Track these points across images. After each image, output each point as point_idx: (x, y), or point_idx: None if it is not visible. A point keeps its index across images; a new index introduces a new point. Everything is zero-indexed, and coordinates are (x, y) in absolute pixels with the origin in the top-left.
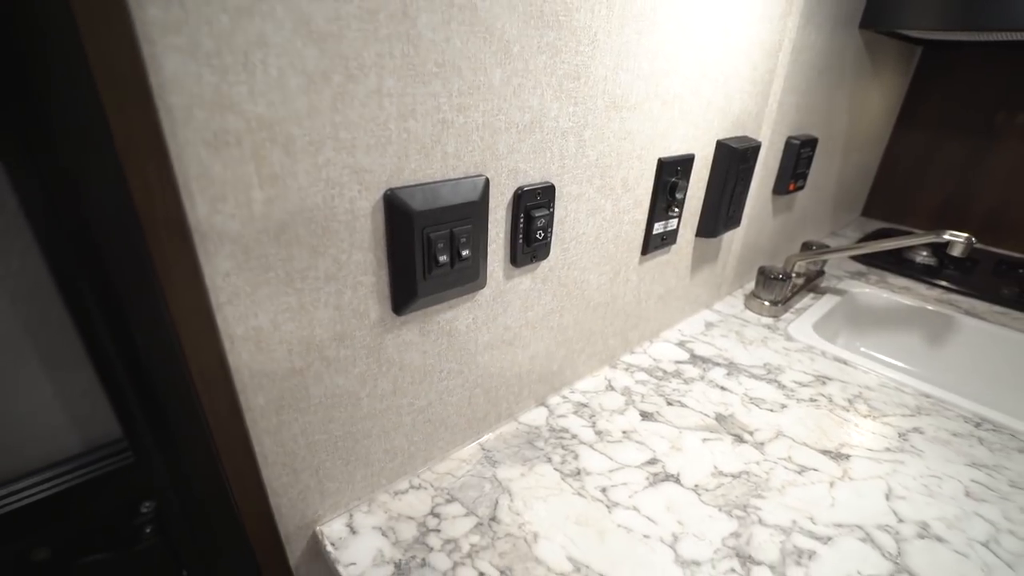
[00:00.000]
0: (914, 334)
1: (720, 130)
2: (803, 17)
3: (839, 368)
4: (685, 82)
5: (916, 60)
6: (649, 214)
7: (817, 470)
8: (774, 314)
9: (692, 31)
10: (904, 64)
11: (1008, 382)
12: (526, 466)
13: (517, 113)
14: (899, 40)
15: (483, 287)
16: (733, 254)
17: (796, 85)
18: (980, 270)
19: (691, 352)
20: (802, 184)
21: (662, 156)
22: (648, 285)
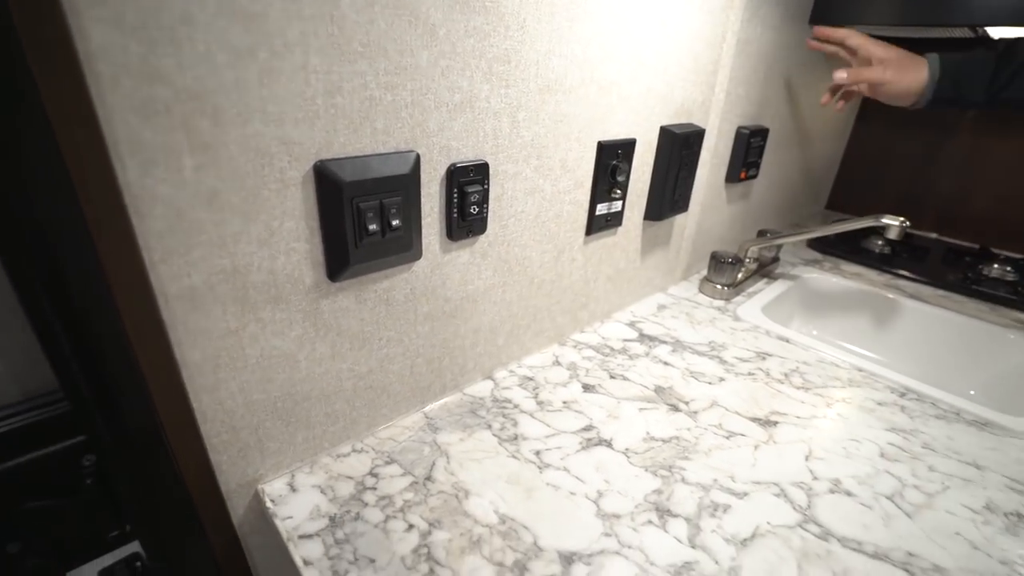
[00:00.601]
0: (862, 316)
1: (663, 116)
2: (747, 11)
3: (781, 346)
4: (622, 69)
5: None
6: (592, 195)
7: (745, 435)
8: (726, 297)
9: (627, 20)
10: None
11: (942, 358)
12: (466, 432)
13: (447, 93)
14: None
15: (419, 258)
16: (687, 239)
17: (745, 76)
18: (931, 258)
19: (640, 331)
20: (755, 173)
21: (602, 139)
22: (596, 266)
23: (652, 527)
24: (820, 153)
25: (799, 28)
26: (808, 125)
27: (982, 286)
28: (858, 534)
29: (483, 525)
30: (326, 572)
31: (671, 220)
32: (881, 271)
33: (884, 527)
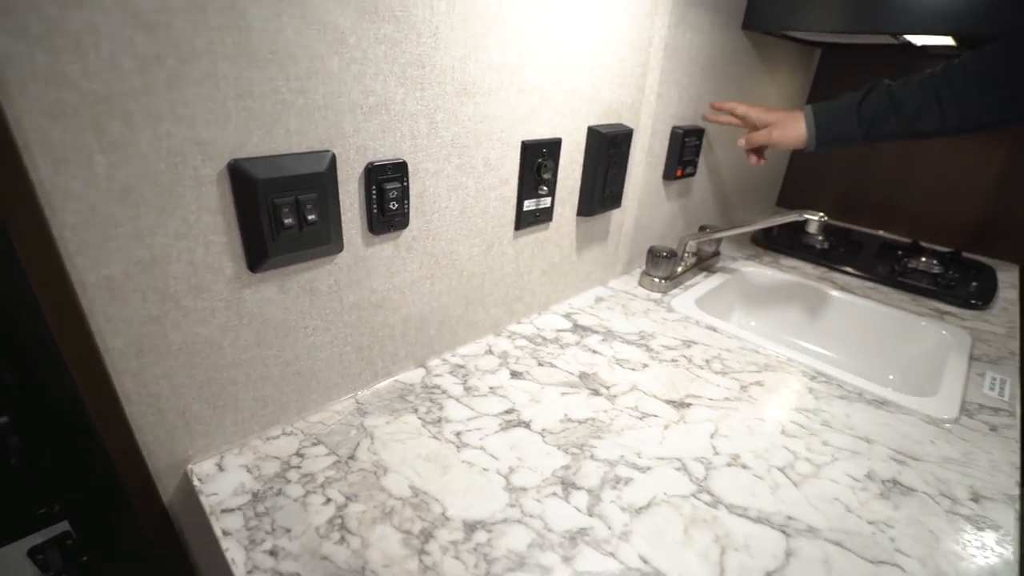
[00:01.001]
0: (796, 308)
1: (591, 117)
2: (674, 17)
3: (707, 334)
4: (544, 72)
5: (816, 60)
6: (519, 192)
7: (658, 416)
8: (662, 290)
9: (546, 26)
10: (803, 63)
11: (866, 345)
12: (393, 416)
13: (360, 96)
14: (794, 42)
15: (341, 251)
16: (625, 234)
17: (676, 79)
18: (866, 252)
19: (575, 322)
20: (692, 171)
21: (526, 139)
22: (529, 260)
23: (555, 499)
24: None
25: (733, 33)
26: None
27: (907, 278)
28: (746, 501)
29: (396, 498)
30: (243, 541)
31: (607, 216)
32: (817, 264)
33: (771, 495)
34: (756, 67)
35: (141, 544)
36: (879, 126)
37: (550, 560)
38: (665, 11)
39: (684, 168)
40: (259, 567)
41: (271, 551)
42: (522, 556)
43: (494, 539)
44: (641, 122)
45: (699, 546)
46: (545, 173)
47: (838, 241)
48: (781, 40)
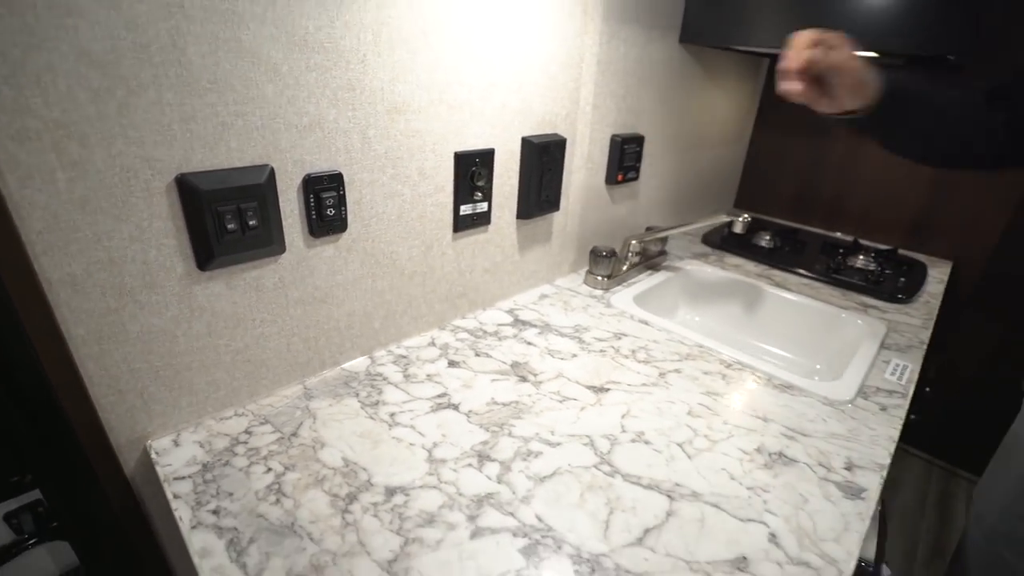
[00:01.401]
0: (736, 303)
1: (524, 128)
2: (604, 35)
3: (639, 327)
4: (472, 90)
5: (765, 69)
6: (454, 198)
7: (577, 400)
8: (604, 287)
9: (472, 50)
10: (751, 72)
11: (797, 337)
12: (336, 399)
13: (295, 117)
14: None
15: (283, 252)
16: (569, 235)
17: (612, 91)
18: (809, 250)
19: (516, 317)
20: (634, 176)
21: (458, 150)
22: (470, 259)
23: (470, 469)
24: (722, 156)
25: (670, 46)
26: (700, 131)
27: (842, 275)
28: (641, 472)
29: (329, 468)
30: (191, 502)
31: (548, 219)
32: (759, 263)
33: (665, 466)
34: (700, 77)
35: (106, 512)
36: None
37: (456, 518)
38: (595, 30)
39: (625, 173)
40: (202, 523)
41: (214, 511)
42: (432, 515)
43: (410, 501)
44: (578, 131)
45: (591, 508)
46: (479, 180)
47: (785, 241)
48: (726, 51)
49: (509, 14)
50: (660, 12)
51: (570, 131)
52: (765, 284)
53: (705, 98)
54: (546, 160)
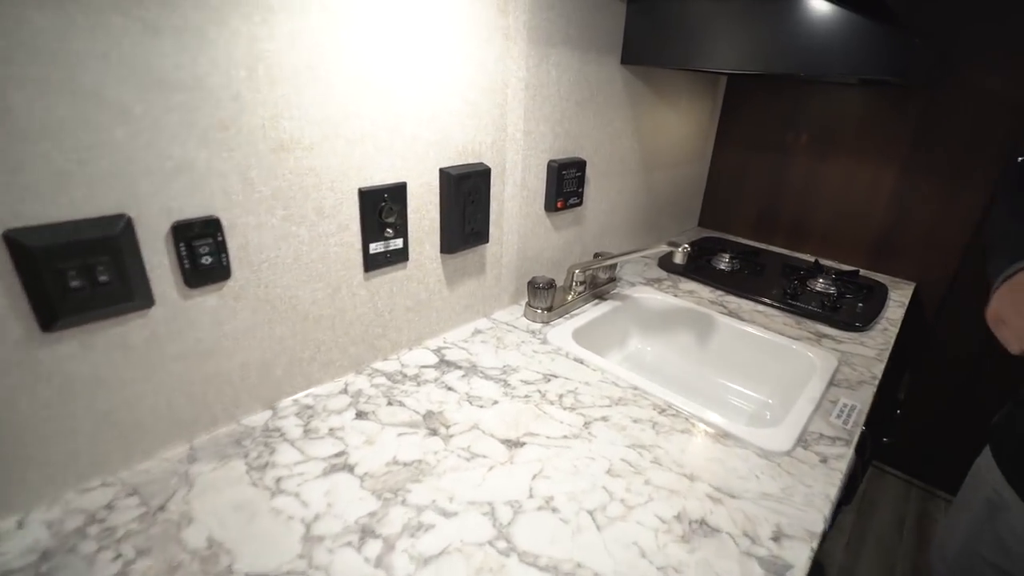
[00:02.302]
0: (687, 332)
1: (442, 159)
2: (532, 58)
3: (572, 367)
4: (375, 123)
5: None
6: (362, 236)
7: (487, 457)
8: (545, 320)
9: (371, 81)
10: (707, 91)
11: (747, 369)
12: (221, 462)
13: (156, 161)
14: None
15: (151, 305)
16: (507, 266)
17: (546, 115)
18: (768, 273)
19: (442, 357)
20: (576, 201)
21: (362, 186)
22: (388, 299)
23: (349, 549)
24: (682, 176)
25: (612, 68)
26: (654, 152)
27: (799, 300)
28: (541, 548)
29: (189, 551)
30: None
31: (480, 250)
32: (714, 287)
33: (570, 540)
34: (648, 97)
35: None
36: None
37: None
38: (520, 54)
39: (566, 200)
40: None
41: None
42: None
43: None
44: (508, 159)
45: None
46: (389, 217)
47: (745, 263)
48: (676, 70)
49: (413, 43)
50: (596, 34)
51: (498, 159)
52: (717, 312)
53: (656, 118)
54: (468, 191)
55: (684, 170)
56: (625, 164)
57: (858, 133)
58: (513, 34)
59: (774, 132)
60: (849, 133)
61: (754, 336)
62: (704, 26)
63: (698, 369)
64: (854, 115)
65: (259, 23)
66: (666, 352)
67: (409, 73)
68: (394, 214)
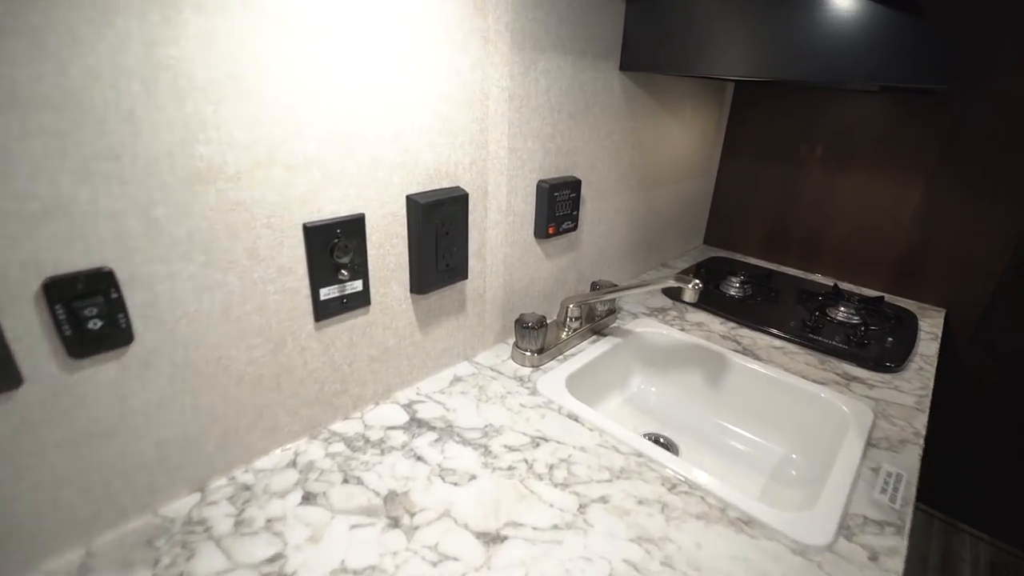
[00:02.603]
0: (697, 372)
1: (410, 184)
2: (517, 65)
3: (565, 426)
4: (323, 145)
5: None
6: (311, 280)
7: (458, 560)
8: (535, 363)
9: (314, 94)
10: (713, 99)
11: (767, 417)
12: (124, 573)
13: (14, 203)
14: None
15: (19, 385)
16: (492, 302)
17: (535, 130)
18: (784, 299)
19: (413, 415)
20: (570, 225)
21: (308, 221)
22: (347, 349)
23: None
24: (687, 191)
25: (609, 75)
26: (656, 167)
27: (820, 334)
28: None
29: None
30: None
31: (458, 287)
32: (726, 318)
33: None
34: (650, 107)
35: None
36: None
37: None
38: (502, 61)
39: (558, 224)
40: None
41: None
42: None
43: None
44: (491, 181)
45: None
46: (343, 256)
47: (757, 288)
48: (680, 77)
49: (369, 48)
50: (592, 37)
51: (478, 182)
52: (730, 350)
53: (658, 129)
54: (442, 220)
55: (688, 185)
56: (625, 181)
57: (879, 144)
58: (494, 37)
59: (785, 143)
60: (868, 144)
61: (774, 380)
62: (714, 27)
63: (709, 414)
64: (875, 124)
65: (158, 23)
66: (673, 393)
67: (365, 84)
68: (350, 252)
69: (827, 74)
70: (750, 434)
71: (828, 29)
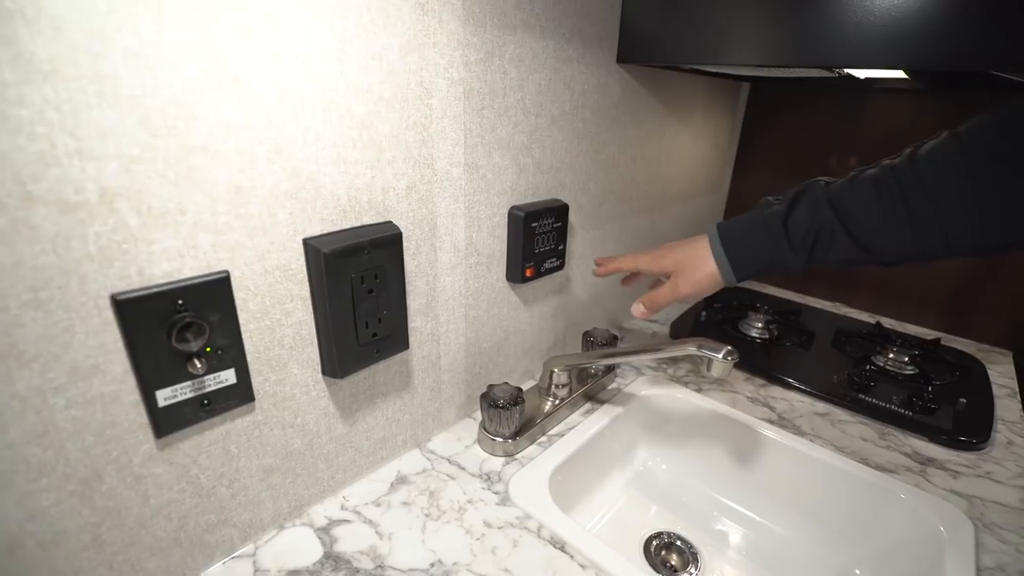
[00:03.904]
0: (720, 448)
1: (307, 223)
2: (472, 50)
3: (546, 562)
4: (136, 166)
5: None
6: (139, 380)
7: None
8: (510, 452)
9: (106, 76)
10: (727, 100)
11: (819, 515)
12: None
13: None
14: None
15: None
16: (451, 369)
17: (504, 140)
18: (818, 343)
19: (330, 546)
20: (555, 263)
21: (119, 291)
22: (221, 466)
23: None
24: (695, 211)
25: (603, 69)
26: (662, 183)
27: (872, 394)
28: None
29: None
30: None
31: (400, 358)
32: (752, 373)
33: None
34: (655, 110)
35: None
36: (823, 250)
37: None
38: (450, 41)
39: (539, 264)
40: None
41: None
42: None
43: None
44: (441, 210)
45: None
46: (194, 339)
47: (784, 329)
48: (690, 73)
49: (214, 13)
50: (580, 18)
51: (421, 213)
52: (763, 420)
53: (665, 137)
54: (361, 273)
55: (697, 203)
56: (624, 203)
57: None
58: (436, 5)
59: (811, 153)
60: None
61: (827, 465)
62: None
63: (738, 502)
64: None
65: None
66: (690, 471)
67: (209, 61)
68: (205, 332)
69: (853, 60)
70: (794, 534)
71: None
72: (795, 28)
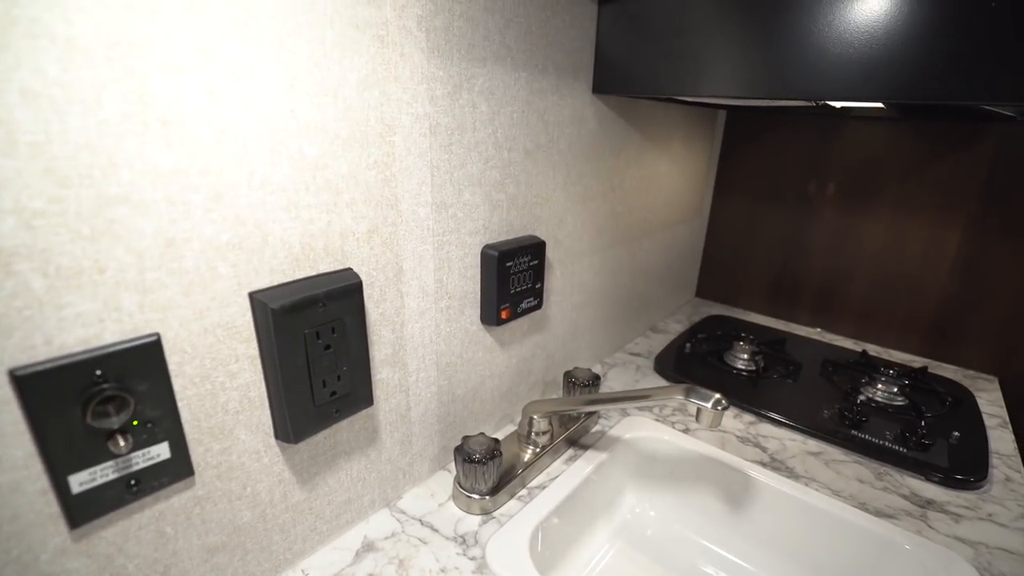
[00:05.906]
0: (709, 493)
1: (253, 276)
2: (439, 83)
3: None
4: (39, 220)
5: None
6: (46, 465)
7: None
8: (487, 509)
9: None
10: (703, 128)
11: (817, 564)
12: None
13: None
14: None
15: None
16: (421, 421)
17: (474, 175)
18: (805, 374)
19: None
20: (532, 303)
21: (18, 366)
22: (154, 551)
23: None
24: (675, 240)
25: (578, 100)
26: (641, 213)
27: (864, 429)
28: None
29: None
30: None
31: (366, 413)
32: (738, 407)
33: None
34: (632, 140)
35: None
36: None
37: None
38: (413, 75)
39: (515, 305)
40: None
41: None
42: None
43: None
44: (408, 253)
45: None
46: (115, 414)
47: (771, 359)
48: (667, 102)
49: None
50: (553, 48)
51: (385, 257)
52: (754, 462)
53: (644, 169)
54: (315, 328)
55: (677, 232)
56: (603, 235)
57: (906, 181)
58: (397, 37)
59: (789, 179)
60: (894, 180)
61: (822, 512)
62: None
63: (731, 552)
64: (901, 157)
65: None
66: (679, 518)
67: (133, 110)
68: (129, 405)
69: (830, 93)
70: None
71: (868, 35)
72: (774, 61)
